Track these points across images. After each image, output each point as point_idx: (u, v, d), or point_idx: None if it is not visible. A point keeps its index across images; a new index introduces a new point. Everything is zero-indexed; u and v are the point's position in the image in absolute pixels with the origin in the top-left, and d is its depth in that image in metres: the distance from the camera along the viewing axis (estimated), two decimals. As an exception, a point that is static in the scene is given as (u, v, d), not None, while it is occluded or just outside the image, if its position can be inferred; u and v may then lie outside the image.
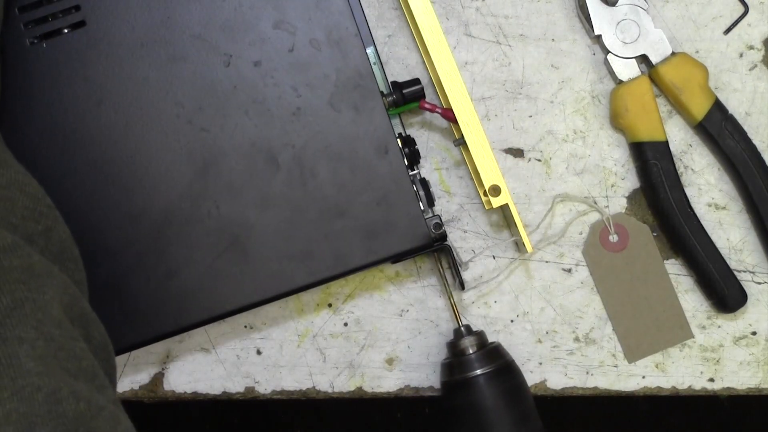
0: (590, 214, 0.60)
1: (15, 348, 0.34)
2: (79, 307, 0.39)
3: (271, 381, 0.60)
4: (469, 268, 0.60)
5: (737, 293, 0.59)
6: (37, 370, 0.34)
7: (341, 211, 0.53)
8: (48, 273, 0.37)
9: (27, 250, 0.37)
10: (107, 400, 0.36)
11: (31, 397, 0.33)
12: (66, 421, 0.34)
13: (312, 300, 0.60)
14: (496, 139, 0.60)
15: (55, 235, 0.40)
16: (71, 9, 0.52)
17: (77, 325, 0.38)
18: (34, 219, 0.39)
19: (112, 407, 0.37)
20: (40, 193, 0.41)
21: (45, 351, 0.34)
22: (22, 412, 0.33)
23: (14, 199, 0.38)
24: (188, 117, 0.53)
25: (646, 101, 0.58)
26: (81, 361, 0.36)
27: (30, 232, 0.38)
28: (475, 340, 0.57)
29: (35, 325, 0.35)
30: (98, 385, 0.37)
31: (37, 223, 0.39)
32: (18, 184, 0.39)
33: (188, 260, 0.53)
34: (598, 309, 0.60)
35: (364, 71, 0.53)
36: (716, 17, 0.60)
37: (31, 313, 0.35)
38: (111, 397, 0.38)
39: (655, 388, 0.60)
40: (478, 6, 0.60)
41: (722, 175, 0.60)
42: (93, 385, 0.36)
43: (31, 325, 0.35)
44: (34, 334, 0.34)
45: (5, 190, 0.38)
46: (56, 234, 0.40)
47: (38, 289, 0.36)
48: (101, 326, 0.40)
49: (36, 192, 0.40)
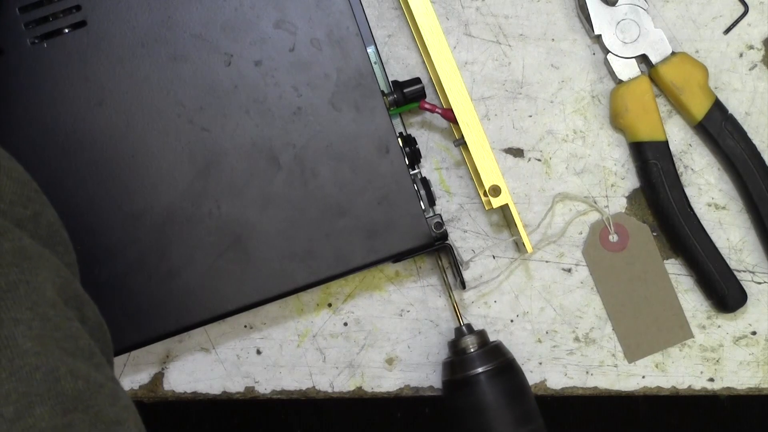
0: (590, 214, 0.60)
1: (11, 329, 0.34)
2: (72, 289, 0.39)
3: (271, 381, 0.60)
4: (470, 267, 0.60)
5: (737, 293, 0.59)
6: (34, 350, 0.34)
7: (342, 211, 0.53)
8: (39, 255, 0.38)
9: (17, 233, 0.37)
10: (106, 378, 0.37)
11: (30, 377, 0.33)
12: (65, 399, 0.34)
13: (312, 300, 0.60)
14: (496, 139, 0.60)
15: (44, 220, 0.40)
16: (72, 9, 0.52)
17: (71, 306, 0.38)
18: (22, 204, 0.39)
19: (111, 384, 0.37)
20: (26, 177, 0.41)
21: (41, 331, 0.35)
22: (22, 392, 0.33)
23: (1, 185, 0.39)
24: (189, 117, 0.53)
25: (646, 101, 0.58)
26: (77, 340, 0.37)
27: (19, 217, 0.39)
28: (477, 338, 0.57)
29: (30, 306, 0.35)
30: (96, 363, 0.37)
31: (25, 208, 0.39)
32: (4, 170, 0.39)
33: (189, 260, 0.53)
34: (598, 309, 0.60)
35: (365, 71, 0.53)
36: (716, 17, 0.60)
37: (26, 295, 0.35)
38: (109, 375, 0.38)
39: (655, 388, 0.60)
40: (478, 6, 0.60)
41: (722, 175, 0.60)
42: (91, 363, 0.37)
43: (26, 306, 0.35)
44: (29, 315, 0.35)
45: None
46: (44, 218, 0.41)
47: (31, 271, 0.36)
48: (95, 307, 0.41)
49: (22, 177, 0.40)
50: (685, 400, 0.61)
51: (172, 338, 0.58)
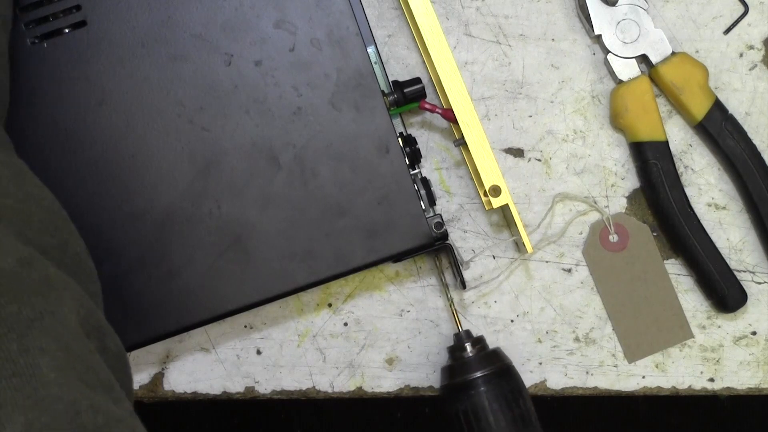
0: (590, 214, 0.60)
1: (37, 358, 0.34)
2: (95, 319, 0.39)
3: (271, 381, 0.60)
4: (470, 267, 0.60)
5: (737, 293, 0.59)
6: (57, 381, 0.34)
7: (342, 211, 0.53)
8: (65, 286, 0.38)
9: (44, 262, 0.37)
10: (124, 412, 0.37)
11: (52, 408, 0.33)
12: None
13: (312, 300, 0.60)
14: (496, 139, 0.60)
15: (70, 249, 0.41)
16: (72, 9, 0.52)
17: (93, 337, 0.38)
18: (49, 233, 0.39)
19: (129, 419, 0.37)
20: (56, 206, 0.41)
21: (65, 362, 0.35)
22: (44, 422, 0.33)
23: (31, 213, 0.39)
24: (189, 116, 0.53)
25: (646, 101, 0.58)
26: (98, 373, 0.37)
27: (45, 246, 0.39)
28: (475, 344, 0.57)
29: (55, 336, 0.35)
30: (115, 397, 0.37)
31: (52, 237, 0.40)
32: (35, 198, 0.39)
33: (189, 260, 0.53)
34: (598, 309, 0.60)
35: (365, 70, 0.53)
36: (716, 17, 0.60)
37: (51, 325, 0.35)
38: (128, 409, 0.38)
39: (655, 388, 0.60)
40: (478, 6, 0.60)
41: (722, 175, 0.60)
42: (110, 397, 0.37)
43: (51, 337, 0.35)
44: (54, 345, 0.35)
45: (22, 204, 0.39)
46: (71, 247, 0.41)
47: (57, 302, 0.36)
48: (116, 337, 0.41)
49: (52, 205, 0.41)
50: (685, 400, 0.61)
51: (172, 338, 0.58)
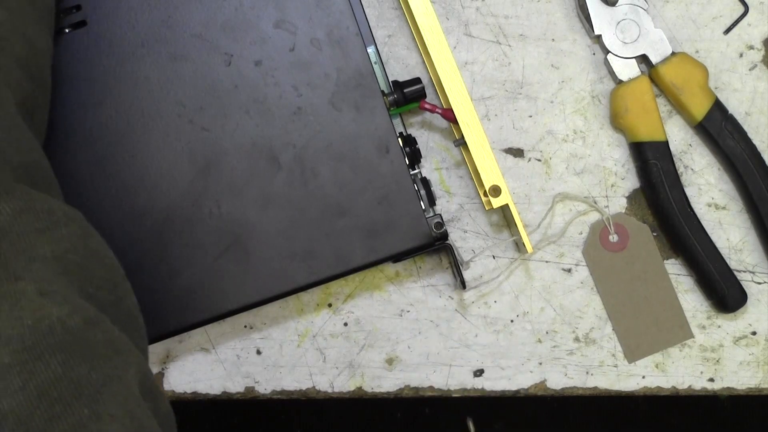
0: (590, 214, 0.60)
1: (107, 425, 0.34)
2: (150, 382, 0.39)
3: (271, 381, 0.60)
4: (470, 267, 0.60)
5: (737, 293, 0.59)
6: None
7: (342, 211, 0.53)
8: (128, 349, 0.38)
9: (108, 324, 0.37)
10: None
11: None
12: None
13: (312, 300, 0.60)
14: (496, 139, 0.60)
15: (125, 306, 0.41)
16: (72, 9, 0.52)
17: (148, 399, 0.38)
18: (108, 289, 0.39)
19: None
20: (116, 263, 0.41)
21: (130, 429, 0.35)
22: None
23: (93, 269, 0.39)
24: (189, 116, 0.53)
25: (646, 101, 0.58)
26: None
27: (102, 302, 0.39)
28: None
29: (122, 402, 0.35)
30: None
31: (109, 294, 0.40)
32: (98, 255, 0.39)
33: (189, 260, 0.53)
34: (598, 309, 0.60)
35: (365, 70, 0.53)
36: (716, 17, 0.60)
37: (119, 391, 0.35)
38: None
39: (655, 388, 0.60)
40: (478, 6, 0.60)
41: (722, 175, 0.60)
42: None
43: (119, 403, 0.35)
44: (122, 412, 0.35)
45: (86, 260, 0.39)
46: (125, 304, 0.41)
47: (123, 366, 0.36)
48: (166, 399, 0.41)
49: (112, 263, 0.41)
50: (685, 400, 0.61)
51: (172, 338, 0.58)
